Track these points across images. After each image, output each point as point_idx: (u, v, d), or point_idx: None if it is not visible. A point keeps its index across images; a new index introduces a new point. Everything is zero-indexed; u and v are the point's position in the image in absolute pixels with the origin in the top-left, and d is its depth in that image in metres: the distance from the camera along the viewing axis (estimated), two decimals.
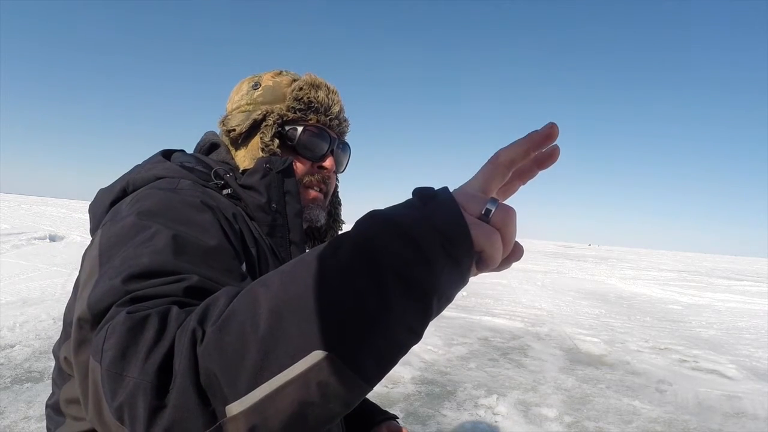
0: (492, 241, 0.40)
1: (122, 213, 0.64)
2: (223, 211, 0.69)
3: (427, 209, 0.39)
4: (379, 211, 0.40)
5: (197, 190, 0.70)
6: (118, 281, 0.50)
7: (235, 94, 0.90)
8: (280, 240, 0.80)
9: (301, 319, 0.37)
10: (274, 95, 0.86)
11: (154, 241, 0.55)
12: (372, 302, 0.37)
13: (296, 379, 0.37)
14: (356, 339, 0.37)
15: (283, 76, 0.88)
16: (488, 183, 0.42)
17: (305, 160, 0.86)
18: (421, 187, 0.42)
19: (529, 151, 0.43)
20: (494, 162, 0.43)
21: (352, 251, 0.38)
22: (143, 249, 0.54)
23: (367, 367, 0.38)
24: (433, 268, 0.37)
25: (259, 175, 0.79)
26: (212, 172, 0.79)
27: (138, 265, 0.51)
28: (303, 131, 0.85)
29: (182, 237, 0.57)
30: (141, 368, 0.40)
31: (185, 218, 0.61)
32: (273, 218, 0.79)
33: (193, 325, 0.40)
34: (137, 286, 0.49)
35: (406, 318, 0.38)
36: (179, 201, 0.64)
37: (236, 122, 0.85)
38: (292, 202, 0.81)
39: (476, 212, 0.40)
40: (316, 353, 0.36)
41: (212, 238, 0.60)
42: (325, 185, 0.89)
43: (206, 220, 0.63)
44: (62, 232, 13.04)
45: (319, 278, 0.38)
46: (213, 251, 0.58)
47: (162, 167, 0.76)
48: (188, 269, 0.53)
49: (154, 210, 0.61)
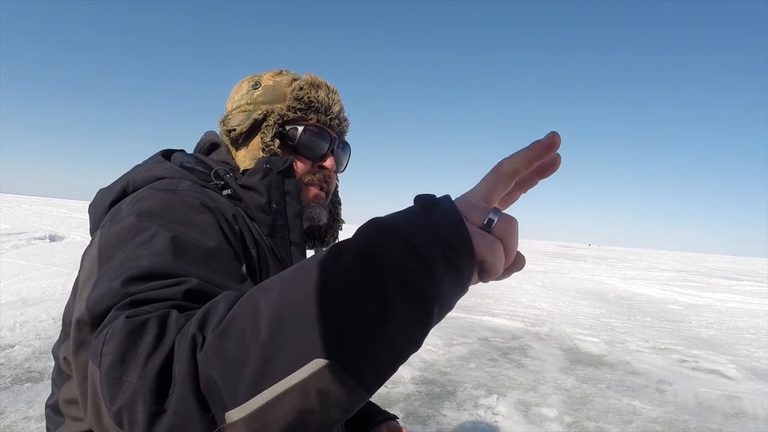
0: (494, 251, 0.40)
1: (122, 213, 0.64)
2: (223, 212, 0.69)
3: (429, 217, 0.39)
4: (380, 219, 0.40)
5: (197, 191, 0.70)
6: (117, 283, 0.49)
7: (235, 93, 0.89)
8: (280, 240, 0.80)
9: (302, 327, 0.37)
10: (274, 95, 0.86)
11: (153, 242, 0.55)
12: (373, 309, 0.36)
13: (296, 386, 0.36)
14: (357, 347, 0.37)
15: (283, 76, 0.88)
16: (491, 193, 0.42)
17: (306, 159, 0.86)
18: (423, 195, 0.42)
19: (532, 161, 0.43)
20: (497, 172, 0.43)
21: (353, 258, 0.38)
22: (142, 250, 0.54)
23: (368, 375, 0.38)
24: (434, 276, 0.37)
25: (259, 176, 0.79)
26: (212, 173, 0.79)
27: (137, 267, 0.51)
28: (303, 131, 0.85)
29: (181, 238, 0.57)
30: (140, 373, 0.40)
31: (185, 219, 0.61)
32: (273, 219, 0.79)
33: (193, 330, 0.40)
34: (136, 288, 0.49)
35: (407, 326, 0.38)
36: (179, 202, 0.64)
37: (236, 122, 0.85)
38: (293, 203, 0.81)
39: (479, 222, 0.40)
40: (317, 361, 0.36)
41: (211, 239, 0.60)
42: (326, 184, 0.89)
43: (205, 221, 0.63)
44: (62, 232, 13.04)
45: (320, 285, 0.38)
46: (212, 252, 0.58)
47: (162, 167, 0.76)
48: (187, 271, 0.52)
49: (154, 211, 0.61)
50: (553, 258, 28.04)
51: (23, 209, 28.10)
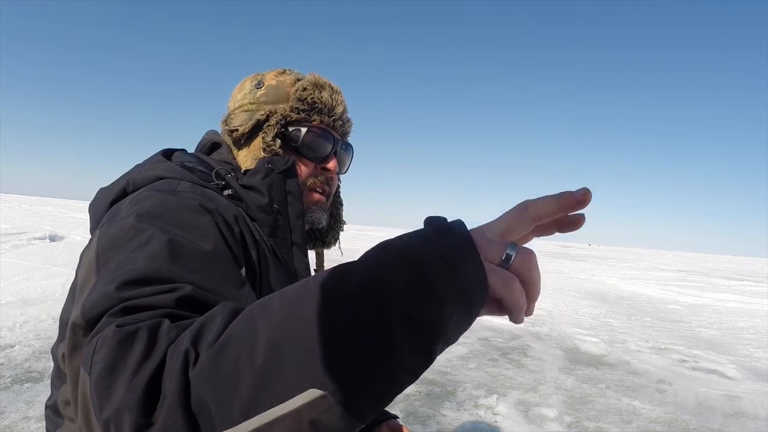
0: (511, 289, 0.38)
1: (121, 214, 0.63)
2: (223, 213, 0.69)
3: (442, 248, 0.37)
4: (389, 243, 0.38)
5: (196, 192, 0.69)
6: (112, 288, 0.49)
7: (238, 92, 0.89)
8: (281, 241, 0.79)
9: (300, 356, 0.36)
10: (277, 95, 0.85)
11: (150, 245, 0.55)
12: (375, 341, 0.35)
13: (289, 414, 0.35)
14: (355, 380, 0.35)
15: (286, 75, 0.87)
16: (510, 230, 0.41)
17: (308, 161, 0.86)
18: (435, 219, 0.40)
19: (558, 212, 0.41)
20: (522, 212, 0.41)
21: (358, 284, 0.36)
22: (139, 253, 0.53)
23: (362, 407, 0.36)
24: (443, 312, 0.36)
25: (260, 176, 0.78)
26: (213, 173, 0.79)
27: (132, 271, 0.51)
28: (307, 132, 0.84)
29: (178, 242, 0.56)
30: (128, 385, 0.39)
31: (183, 222, 0.60)
32: (274, 219, 0.78)
33: (186, 345, 0.39)
34: (130, 293, 0.48)
35: (409, 359, 0.36)
36: (177, 204, 0.64)
37: (239, 122, 0.85)
38: (294, 203, 0.81)
39: (496, 258, 0.39)
40: (312, 391, 0.35)
41: (209, 242, 0.60)
42: (328, 187, 0.89)
43: (204, 223, 0.63)
44: (62, 232, 13.03)
45: (322, 310, 0.36)
46: (209, 256, 0.57)
47: (162, 167, 0.75)
48: (183, 276, 0.52)
49: (152, 212, 0.61)
50: (553, 258, 28.03)
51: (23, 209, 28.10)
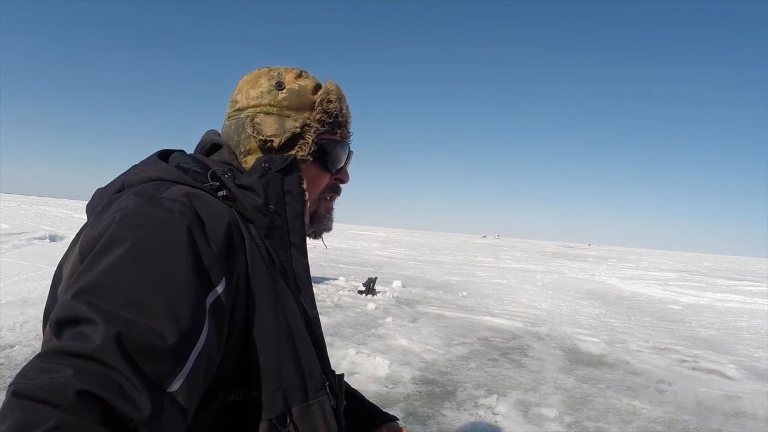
0: None
1: (104, 218, 0.63)
2: (209, 219, 0.66)
3: None
4: None
5: (182, 200, 0.65)
6: (55, 319, 0.52)
7: (252, 88, 0.84)
8: (279, 242, 0.76)
9: None
10: (300, 101, 0.83)
11: (97, 324, 0.51)
12: None
13: None
14: None
15: (306, 80, 0.85)
16: None
17: (326, 172, 0.86)
18: None
19: None
20: None
21: None
22: (91, 296, 0.53)
23: None
24: None
25: (257, 175, 0.76)
26: (209, 173, 0.76)
27: (73, 311, 0.51)
28: (336, 147, 0.86)
29: (125, 335, 0.51)
30: None
31: (143, 267, 0.57)
32: (271, 220, 0.75)
33: None
34: (66, 335, 0.50)
35: None
36: (151, 226, 0.60)
37: (271, 131, 0.81)
38: (293, 203, 0.78)
39: None
40: None
41: (163, 290, 0.55)
42: (338, 195, 0.91)
43: (173, 257, 0.59)
44: (62, 232, 13.04)
45: None
46: (151, 339, 0.52)
47: (157, 168, 0.74)
48: (115, 367, 0.48)
49: (117, 242, 0.58)
50: (553, 258, 28.03)
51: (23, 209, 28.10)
